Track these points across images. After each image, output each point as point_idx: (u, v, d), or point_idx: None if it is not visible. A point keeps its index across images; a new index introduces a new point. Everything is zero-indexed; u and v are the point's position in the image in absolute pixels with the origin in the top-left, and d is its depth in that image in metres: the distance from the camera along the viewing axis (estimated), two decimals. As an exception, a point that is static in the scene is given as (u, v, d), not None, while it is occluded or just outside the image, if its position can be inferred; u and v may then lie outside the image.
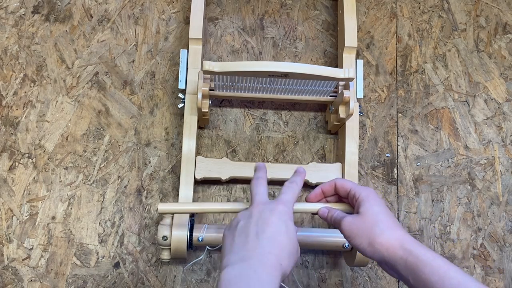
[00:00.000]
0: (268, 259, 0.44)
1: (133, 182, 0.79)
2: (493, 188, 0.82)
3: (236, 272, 0.43)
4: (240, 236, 0.47)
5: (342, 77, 0.65)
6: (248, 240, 0.46)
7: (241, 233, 0.47)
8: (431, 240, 0.79)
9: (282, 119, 0.83)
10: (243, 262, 0.44)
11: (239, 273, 0.43)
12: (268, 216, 0.48)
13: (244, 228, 0.48)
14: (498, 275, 0.78)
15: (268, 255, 0.45)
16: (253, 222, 0.48)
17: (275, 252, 0.45)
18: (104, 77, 0.83)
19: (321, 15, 0.88)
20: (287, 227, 0.48)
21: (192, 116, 0.75)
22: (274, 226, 0.47)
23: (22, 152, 0.79)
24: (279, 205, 0.50)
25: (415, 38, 0.88)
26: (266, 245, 0.45)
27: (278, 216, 0.48)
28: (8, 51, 0.84)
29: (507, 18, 0.90)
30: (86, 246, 0.76)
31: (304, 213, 0.76)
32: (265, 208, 0.49)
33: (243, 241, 0.46)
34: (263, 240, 0.46)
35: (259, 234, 0.46)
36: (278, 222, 0.48)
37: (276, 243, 0.46)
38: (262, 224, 0.47)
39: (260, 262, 0.44)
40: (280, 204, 0.50)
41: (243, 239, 0.46)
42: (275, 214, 0.48)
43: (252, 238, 0.46)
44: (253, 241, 0.46)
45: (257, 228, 0.47)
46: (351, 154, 0.75)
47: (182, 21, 0.87)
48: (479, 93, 0.86)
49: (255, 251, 0.45)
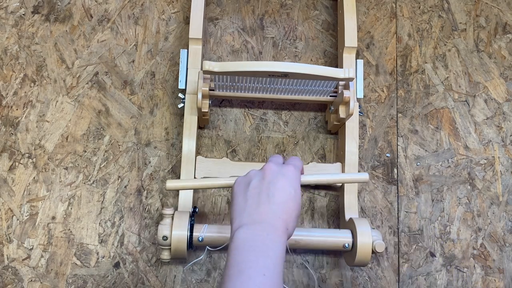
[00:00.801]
0: (278, 224, 0.49)
1: (133, 182, 0.79)
2: (493, 188, 0.82)
3: (250, 232, 0.47)
4: (252, 198, 0.50)
5: (342, 77, 0.65)
6: (260, 203, 0.50)
7: (253, 195, 0.51)
8: (431, 240, 0.79)
9: (282, 119, 0.83)
10: (256, 224, 0.48)
11: (254, 233, 0.47)
12: (279, 180, 0.51)
13: (257, 189, 0.51)
14: (498, 275, 0.78)
15: (278, 220, 0.49)
16: (265, 185, 0.51)
17: (284, 217, 0.49)
18: (104, 77, 0.83)
19: (321, 15, 0.88)
20: (296, 192, 0.52)
21: (192, 116, 0.75)
22: (284, 191, 0.51)
23: (22, 152, 0.79)
24: (290, 170, 0.53)
25: (415, 38, 0.88)
26: (276, 210, 0.49)
27: (289, 181, 0.52)
28: (8, 51, 0.84)
29: (507, 18, 0.90)
30: (86, 246, 0.76)
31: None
32: (278, 171, 0.52)
33: (256, 203, 0.50)
34: (274, 205, 0.49)
35: (270, 198, 0.50)
36: (288, 187, 0.51)
37: (286, 209, 0.50)
38: (273, 188, 0.50)
39: (272, 226, 0.48)
40: (291, 168, 0.53)
41: (256, 201, 0.50)
42: (286, 179, 0.52)
43: (264, 202, 0.50)
44: (264, 205, 0.49)
45: (268, 191, 0.50)
46: (351, 154, 0.75)
47: (182, 21, 0.87)
48: (479, 93, 0.86)
49: (267, 215, 0.49)
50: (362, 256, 0.67)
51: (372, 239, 0.67)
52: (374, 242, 0.67)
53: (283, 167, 0.54)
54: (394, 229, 0.79)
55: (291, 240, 0.68)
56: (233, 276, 0.44)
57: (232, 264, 0.46)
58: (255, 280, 0.44)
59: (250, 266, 0.45)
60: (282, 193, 0.51)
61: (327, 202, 0.80)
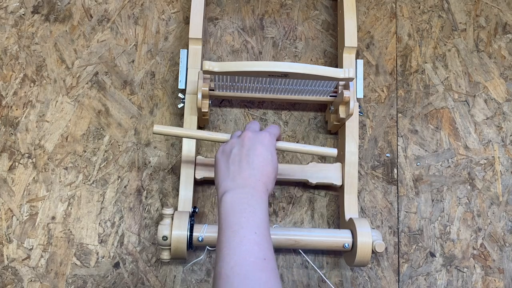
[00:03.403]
0: (260, 186, 0.55)
1: (133, 182, 0.79)
2: (493, 188, 0.82)
3: (236, 195, 0.53)
4: (234, 164, 0.56)
5: (342, 77, 0.65)
6: (242, 169, 0.55)
7: (235, 161, 0.56)
8: (431, 240, 0.79)
9: (282, 119, 0.83)
10: (241, 188, 0.54)
11: (239, 196, 0.53)
12: (257, 147, 0.57)
13: (237, 156, 0.57)
14: (498, 275, 0.78)
15: (259, 182, 0.55)
16: (245, 152, 0.57)
17: (263, 180, 0.56)
18: (104, 77, 0.83)
19: (321, 15, 0.88)
20: (272, 155, 0.58)
21: (192, 116, 0.75)
22: (262, 156, 0.57)
23: (22, 152, 0.79)
24: (266, 136, 0.59)
25: (415, 38, 0.88)
26: (257, 174, 0.55)
27: (265, 147, 0.57)
28: (8, 51, 0.84)
29: (507, 18, 0.90)
30: (86, 246, 0.76)
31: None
32: (255, 138, 0.58)
33: (238, 170, 0.56)
34: (254, 170, 0.55)
35: (250, 164, 0.56)
36: (265, 152, 0.57)
37: (265, 172, 0.56)
38: (253, 155, 0.56)
39: (254, 189, 0.54)
40: (267, 135, 0.59)
41: (237, 167, 0.56)
42: (263, 145, 0.57)
43: (245, 168, 0.55)
44: (246, 170, 0.55)
45: (248, 158, 0.56)
46: (351, 154, 0.75)
47: (182, 21, 0.87)
48: (479, 93, 0.86)
49: (249, 179, 0.55)
50: (362, 256, 0.67)
51: (372, 239, 0.67)
52: (374, 242, 0.67)
53: (259, 134, 0.59)
54: (394, 229, 0.79)
55: (291, 240, 0.68)
56: (228, 238, 0.49)
57: (225, 227, 0.51)
58: (249, 238, 0.49)
59: (242, 227, 0.50)
60: (260, 158, 0.56)
61: (327, 202, 0.80)
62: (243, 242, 0.48)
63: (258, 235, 0.50)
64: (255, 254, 0.48)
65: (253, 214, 0.51)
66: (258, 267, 0.47)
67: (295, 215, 0.79)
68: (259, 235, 0.50)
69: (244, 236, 0.49)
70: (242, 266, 0.47)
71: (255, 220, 0.51)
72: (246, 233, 0.49)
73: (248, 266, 0.47)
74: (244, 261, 0.47)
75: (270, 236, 0.51)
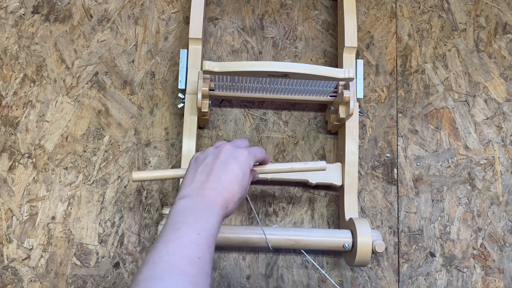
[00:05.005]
0: (219, 201, 0.52)
1: (133, 182, 0.79)
2: (493, 188, 0.82)
3: (192, 202, 0.51)
4: (201, 174, 0.54)
5: (342, 77, 0.65)
6: (208, 180, 0.53)
7: (204, 171, 0.54)
8: (431, 240, 0.79)
9: (282, 119, 0.83)
10: (200, 197, 0.51)
11: (194, 203, 0.50)
12: (231, 162, 0.54)
13: (208, 166, 0.54)
14: (498, 275, 0.78)
15: (220, 198, 0.52)
16: (217, 164, 0.54)
17: (226, 196, 0.52)
18: (104, 77, 0.83)
19: (321, 15, 0.88)
20: (244, 175, 0.55)
21: (192, 116, 0.75)
22: (233, 172, 0.54)
23: (22, 152, 0.79)
24: (243, 154, 0.56)
25: (415, 38, 0.88)
26: (221, 189, 0.52)
27: (240, 165, 0.54)
28: (8, 51, 0.84)
29: (507, 18, 0.90)
30: (86, 246, 0.76)
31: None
32: (232, 153, 0.55)
33: (204, 180, 0.53)
34: (220, 184, 0.53)
35: (217, 178, 0.53)
36: (237, 170, 0.54)
37: (230, 189, 0.53)
38: (223, 168, 0.54)
39: (213, 201, 0.51)
40: (245, 153, 0.56)
41: (204, 177, 0.53)
42: (238, 162, 0.54)
43: (211, 180, 0.53)
44: (211, 182, 0.52)
45: (218, 170, 0.53)
46: (351, 154, 0.75)
47: (182, 21, 0.87)
48: (479, 93, 0.86)
49: (210, 192, 0.52)
50: (362, 256, 0.67)
51: (372, 239, 0.67)
52: (374, 242, 0.67)
53: (237, 150, 0.56)
54: (394, 229, 0.79)
55: (291, 240, 0.68)
56: (168, 232, 0.46)
57: (170, 223, 0.48)
58: (189, 236, 0.46)
59: (187, 226, 0.47)
60: (230, 175, 0.54)
61: (327, 202, 0.80)
62: (183, 237, 0.46)
63: (201, 236, 0.47)
64: (191, 251, 0.45)
65: (203, 219, 0.49)
66: (189, 261, 0.44)
67: (295, 215, 0.79)
68: (202, 237, 0.47)
69: (185, 233, 0.46)
70: (172, 256, 0.44)
71: (202, 224, 0.48)
72: (188, 231, 0.47)
73: (178, 257, 0.44)
74: (177, 252, 0.44)
75: (213, 246, 0.48)
